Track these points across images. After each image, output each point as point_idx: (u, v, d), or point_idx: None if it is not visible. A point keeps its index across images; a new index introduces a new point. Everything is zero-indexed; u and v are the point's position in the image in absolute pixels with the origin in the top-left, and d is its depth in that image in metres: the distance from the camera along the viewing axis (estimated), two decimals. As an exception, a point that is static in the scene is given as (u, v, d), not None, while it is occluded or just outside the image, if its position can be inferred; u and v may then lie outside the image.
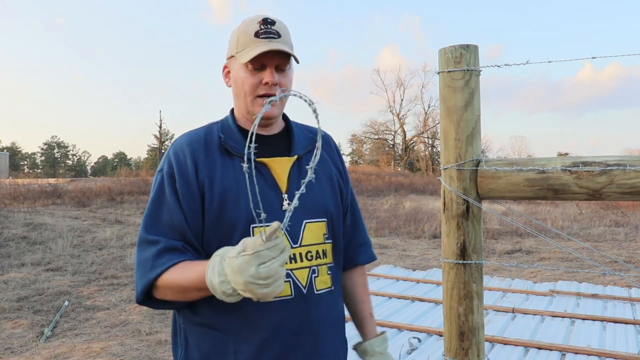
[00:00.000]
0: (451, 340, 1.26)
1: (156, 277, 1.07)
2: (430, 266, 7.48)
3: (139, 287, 1.10)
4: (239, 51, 1.17)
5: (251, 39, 1.15)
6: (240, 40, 1.17)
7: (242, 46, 1.16)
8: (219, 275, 0.95)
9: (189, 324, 1.17)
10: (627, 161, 1.06)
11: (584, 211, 15.06)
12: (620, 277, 6.33)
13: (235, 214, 1.11)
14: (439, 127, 1.30)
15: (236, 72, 1.18)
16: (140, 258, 1.12)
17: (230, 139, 1.18)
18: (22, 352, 4.15)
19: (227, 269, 0.93)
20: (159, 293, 1.10)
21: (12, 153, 57.74)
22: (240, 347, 1.11)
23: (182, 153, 1.15)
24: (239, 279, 0.91)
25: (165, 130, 51.23)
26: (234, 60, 1.19)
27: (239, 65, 1.17)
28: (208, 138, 1.19)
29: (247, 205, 1.10)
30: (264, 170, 1.17)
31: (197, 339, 1.15)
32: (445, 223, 1.27)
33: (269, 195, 1.14)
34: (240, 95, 1.18)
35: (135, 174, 29.38)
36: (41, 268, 7.30)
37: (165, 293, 1.09)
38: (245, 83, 1.16)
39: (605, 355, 3.19)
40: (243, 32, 1.17)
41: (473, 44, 1.22)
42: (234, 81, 1.20)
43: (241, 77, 1.17)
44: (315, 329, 1.16)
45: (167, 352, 4.15)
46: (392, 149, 49.11)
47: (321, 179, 1.25)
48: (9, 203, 14.48)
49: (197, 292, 1.04)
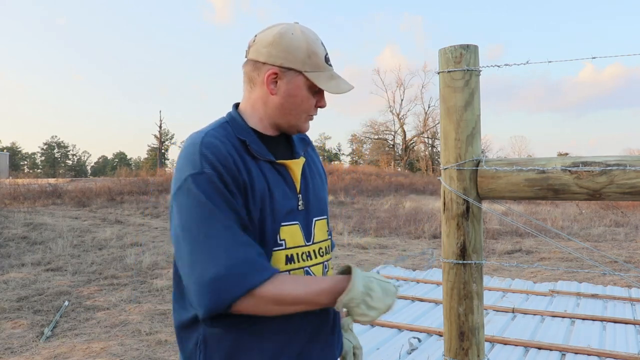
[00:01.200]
0: (451, 340, 1.26)
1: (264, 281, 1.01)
2: (430, 266, 7.49)
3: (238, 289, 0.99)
4: (308, 70, 1.15)
5: (323, 65, 1.17)
6: (312, 60, 1.15)
7: (314, 67, 1.15)
8: (363, 286, 1.08)
9: (209, 327, 1.12)
10: (627, 161, 1.06)
11: (584, 211, 15.06)
12: (620, 277, 6.33)
13: (271, 216, 1.13)
14: (439, 127, 1.30)
15: (296, 89, 1.16)
16: (231, 255, 1.01)
17: (253, 142, 1.16)
18: (22, 352, 4.15)
19: (377, 287, 1.09)
20: (250, 303, 1.02)
21: (12, 153, 57.75)
22: (265, 345, 1.11)
23: (219, 152, 1.08)
24: (388, 300, 1.10)
25: (165, 130, 51.29)
26: (296, 75, 1.15)
27: (303, 84, 1.16)
28: (231, 139, 1.14)
29: (279, 206, 1.14)
30: (283, 171, 1.19)
31: (218, 340, 1.11)
32: (445, 223, 1.27)
33: (290, 197, 1.18)
34: (294, 111, 1.18)
35: (135, 174, 29.37)
36: (41, 268, 7.30)
37: (259, 305, 1.02)
38: (306, 104, 1.18)
39: (605, 355, 3.19)
40: (313, 52, 1.15)
41: (473, 44, 1.23)
42: (289, 95, 1.16)
43: (303, 96, 1.17)
44: (329, 321, 1.23)
45: (167, 352, 4.15)
46: (392, 149, 49.11)
47: (317, 178, 1.30)
48: (9, 203, 14.48)
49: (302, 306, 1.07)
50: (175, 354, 4.10)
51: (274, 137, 1.24)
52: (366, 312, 1.07)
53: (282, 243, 1.14)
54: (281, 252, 1.13)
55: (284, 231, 1.14)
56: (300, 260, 1.17)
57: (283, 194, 1.16)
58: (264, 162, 1.16)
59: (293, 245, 1.16)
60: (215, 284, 0.99)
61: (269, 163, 1.16)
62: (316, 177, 1.30)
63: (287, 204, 1.15)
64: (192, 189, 1.04)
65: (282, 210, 1.14)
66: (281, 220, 1.14)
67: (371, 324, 3.91)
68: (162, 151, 50.02)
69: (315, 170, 1.33)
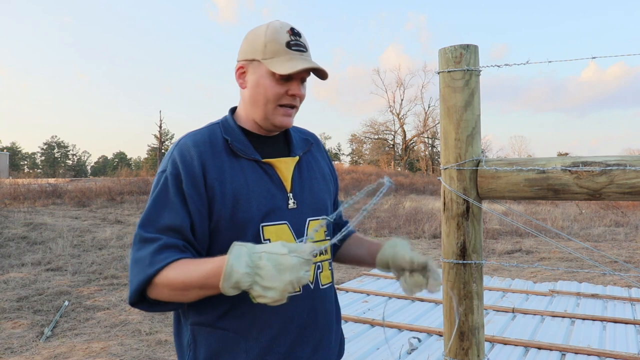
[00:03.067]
0: (451, 340, 1.26)
1: (155, 273, 1.03)
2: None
3: (134, 284, 1.06)
4: (266, 58, 1.15)
5: (283, 49, 1.15)
6: (269, 47, 1.15)
7: (271, 54, 1.15)
8: (246, 266, 0.94)
9: (196, 325, 1.16)
10: (627, 161, 1.06)
11: (584, 211, 15.05)
12: (620, 277, 6.33)
13: (247, 214, 1.12)
14: (439, 127, 1.30)
15: (259, 78, 1.17)
16: (136, 256, 1.08)
17: (236, 141, 1.18)
18: (22, 352, 4.15)
19: (268, 264, 0.93)
20: (155, 292, 1.06)
21: (12, 153, 57.75)
22: (251, 345, 1.12)
23: (188, 154, 1.13)
24: (285, 277, 0.92)
25: (165, 130, 51.26)
26: (258, 65, 1.16)
27: (264, 72, 1.16)
28: (212, 139, 1.18)
29: (259, 204, 1.13)
30: (270, 170, 1.19)
31: (205, 339, 1.14)
32: (445, 223, 1.27)
33: (276, 195, 1.17)
34: (261, 101, 1.17)
35: (135, 174, 29.38)
36: (41, 268, 7.30)
37: (163, 292, 1.05)
38: (270, 91, 1.16)
39: (605, 355, 3.19)
40: (272, 40, 1.15)
41: (473, 44, 1.23)
42: (254, 86, 1.18)
43: (266, 84, 1.16)
44: (320, 323, 1.21)
45: (167, 352, 4.15)
46: (392, 149, 49.10)
47: (318, 178, 1.30)
48: (9, 203, 14.48)
49: (198, 290, 1.02)
50: (175, 353, 4.10)
51: (270, 137, 1.25)
52: (263, 294, 0.93)
53: (267, 242, 1.13)
54: None
55: (269, 230, 1.14)
56: None
57: (266, 192, 1.15)
58: (248, 161, 1.17)
59: None
60: (130, 279, 1.09)
61: (253, 162, 1.17)
62: (317, 178, 1.29)
63: (269, 202, 1.15)
64: (154, 184, 1.14)
65: (261, 209, 1.13)
66: (261, 219, 1.13)
67: (371, 324, 3.91)
68: (162, 151, 49.97)
69: (318, 170, 1.31)
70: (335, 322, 1.28)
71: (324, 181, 1.31)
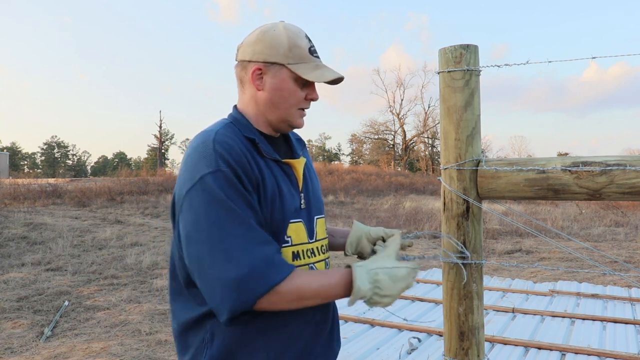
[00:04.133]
0: (451, 340, 1.26)
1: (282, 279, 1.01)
2: (430, 266, 7.48)
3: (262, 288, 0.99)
4: (291, 63, 1.15)
5: (307, 56, 1.17)
6: (294, 52, 1.15)
7: (296, 59, 1.16)
8: (368, 282, 1.07)
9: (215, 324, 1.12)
10: (627, 161, 1.06)
11: (584, 211, 15.05)
12: (620, 277, 6.33)
13: (281, 214, 1.15)
14: (439, 127, 1.30)
15: (282, 82, 1.16)
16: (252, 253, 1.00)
17: (260, 141, 1.17)
18: (22, 352, 4.15)
19: (384, 277, 1.07)
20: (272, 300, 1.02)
21: (12, 153, 57.75)
22: (270, 342, 1.13)
23: (233, 150, 1.08)
24: (400, 285, 1.08)
25: (165, 130, 51.30)
26: (280, 68, 1.16)
27: (287, 76, 1.16)
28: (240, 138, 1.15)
29: (288, 204, 1.17)
30: (289, 170, 1.22)
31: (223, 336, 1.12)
32: (445, 223, 1.27)
33: (295, 195, 1.21)
34: (282, 105, 1.18)
35: (135, 174, 29.39)
36: (41, 268, 7.30)
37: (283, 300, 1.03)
38: (293, 96, 1.18)
39: (605, 355, 3.19)
40: (295, 45, 1.16)
41: (473, 44, 1.23)
42: (275, 89, 1.17)
43: (290, 88, 1.17)
44: (330, 318, 1.27)
45: (167, 352, 4.15)
46: (392, 149, 49.11)
47: (313, 178, 1.34)
48: (9, 203, 14.47)
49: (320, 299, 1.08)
50: (175, 354, 4.09)
51: (275, 138, 1.26)
52: (380, 301, 1.08)
53: (289, 240, 1.16)
54: (288, 248, 1.16)
55: (291, 228, 1.17)
56: (305, 256, 1.20)
57: (289, 192, 1.18)
58: (271, 161, 1.18)
59: (298, 242, 1.19)
60: (239, 284, 0.99)
61: (275, 162, 1.19)
62: (314, 178, 1.34)
63: (293, 202, 1.18)
64: (207, 187, 1.03)
65: (289, 209, 1.17)
66: (289, 218, 1.17)
67: (371, 324, 3.91)
68: (162, 151, 50.03)
69: (312, 170, 1.36)
70: (337, 314, 1.35)
71: (317, 180, 1.37)
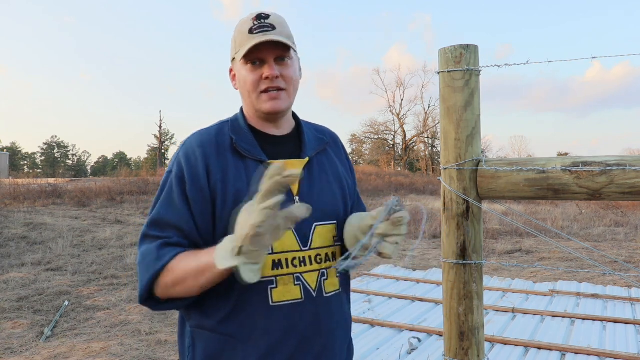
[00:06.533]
0: (451, 340, 1.26)
1: (163, 267, 1.05)
2: (430, 266, 7.49)
3: (145, 280, 1.07)
4: (237, 51, 1.18)
5: (246, 37, 1.16)
6: (238, 40, 1.18)
7: (239, 46, 1.17)
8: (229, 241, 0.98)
9: (197, 329, 1.16)
10: (627, 161, 1.06)
11: (584, 211, 15.05)
12: (620, 277, 6.33)
13: None
14: (439, 127, 1.30)
15: (238, 73, 1.20)
16: (144, 251, 1.10)
17: (242, 141, 1.17)
18: (22, 352, 4.15)
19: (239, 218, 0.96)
20: (162, 287, 1.07)
21: (12, 153, 57.74)
22: (249, 351, 1.11)
23: (193, 155, 1.14)
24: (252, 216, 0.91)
25: (165, 130, 51.30)
26: (235, 62, 1.21)
27: (239, 65, 1.18)
28: (219, 138, 1.17)
29: None
30: None
31: (205, 343, 1.14)
32: (445, 223, 1.27)
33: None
34: (245, 94, 1.19)
35: (135, 174, 29.39)
36: (41, 268, 7.30)
37: (168, 285, 1.06)
38: (247, 81, 1.17)
39: (605, 355, 3.19)
40: (239, 33, 1.18)
41: (473, 44, 1.23)
42: (238, 82, 1.22)
43: (243, 75, 1.18)
44: (324, 332, 1.17)
45: (167, 352, 4.15)
46: (392, 149, 49.10)
47: (331, 181, 1.25)
48: (9, 203, 14.47)
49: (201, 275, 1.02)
50: (175, 354, 4.10)
51: (281, 137, 1.23)
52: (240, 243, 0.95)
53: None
54: (268, 257, 1.11)
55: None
56: (290, 265, 1.13)
57: None
58: (253, 161, 1.15)
59: (282, 250, 1.12)
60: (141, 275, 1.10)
61: (259, 162, 1.15)
62: (330, 180, 1.24)
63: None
64: (162, 184, 1.17)
65: None
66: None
67: (371, 324, 3.91)
68: (162, 151, 50.01)
69: (332, 172, 1.27)
70: (342, 329, 1.24)
71: (337, 183, 1.26)
